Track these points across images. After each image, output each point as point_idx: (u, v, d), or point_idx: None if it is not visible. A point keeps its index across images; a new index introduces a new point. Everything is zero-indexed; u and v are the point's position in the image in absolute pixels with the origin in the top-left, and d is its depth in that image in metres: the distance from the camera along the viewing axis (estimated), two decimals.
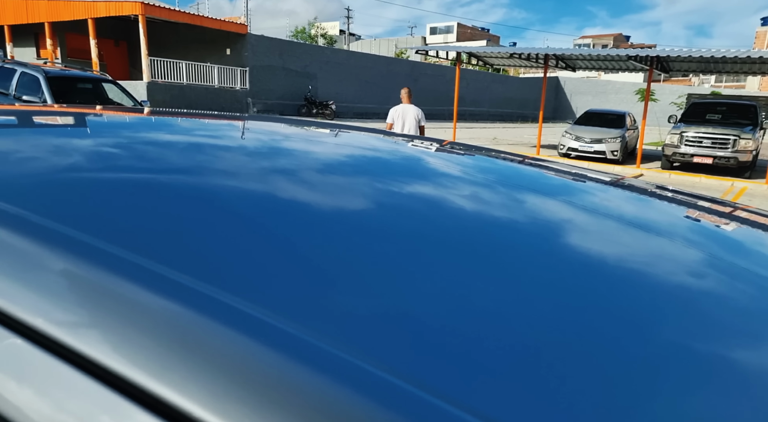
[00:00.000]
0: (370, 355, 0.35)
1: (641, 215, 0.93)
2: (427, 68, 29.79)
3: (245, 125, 1.33)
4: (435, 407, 0.31)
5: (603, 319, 0.47)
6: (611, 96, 38.10)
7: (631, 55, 12.92)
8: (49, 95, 8.10)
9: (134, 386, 0.31)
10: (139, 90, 15.80)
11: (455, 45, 22.00)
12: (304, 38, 43.29)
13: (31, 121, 1.14)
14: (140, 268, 0.41)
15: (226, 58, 19.96)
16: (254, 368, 0.32)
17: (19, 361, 0.34)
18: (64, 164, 0.71)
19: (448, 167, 1.08)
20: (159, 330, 0.34)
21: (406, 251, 0.55)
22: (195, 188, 0.67)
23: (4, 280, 0.39)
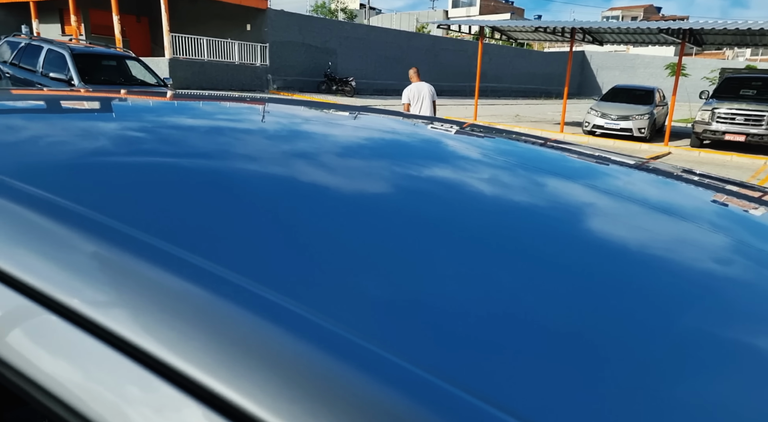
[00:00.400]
0: (395, 344, 0.35)
1: (666, 200, 0.91)
2: (448, 43, 29.22)
3: (270, 108, 1.33)
4: (468, 404, 0.31)
5: (630, 308, 0.46)
6: (640, 71, 36.93)
7: (662, 27, 12.46)
8: (75, 72, 8.22)
9: (158, 360, 0.33)
10: (161, 67, 15.88)
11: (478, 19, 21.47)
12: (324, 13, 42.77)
13: (64, 105, 1.16)
14: (168, 253, 0.42)
15: (246, 34, 19.86)
16: (270, 339, 0.33)
17: (54, 336, 0.36)
18: (99, 148, 0.73)
19: (471, 150, 1.08)
20: (183, 309, 0.35)
21: (434, 239, 0.54)
22: (224, 172, 0.67)
23: (39, 260, 0.40)
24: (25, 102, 1.14)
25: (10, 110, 1.00)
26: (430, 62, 27.69)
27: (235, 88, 18.47)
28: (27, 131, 0.79)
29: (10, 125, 0.83)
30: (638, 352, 0.39)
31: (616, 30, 14.43)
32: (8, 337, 0.37)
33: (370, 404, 0.30)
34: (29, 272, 0.39)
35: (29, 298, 0.38)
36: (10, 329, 0.38)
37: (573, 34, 14.44)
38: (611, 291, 0.49)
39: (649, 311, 0.46)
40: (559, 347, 0.38)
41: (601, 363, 0.37)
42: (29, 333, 0.37)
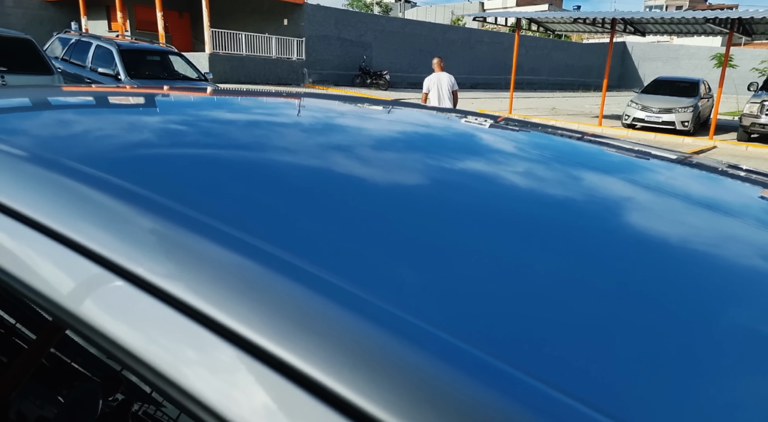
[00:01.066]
0: (451, 331, 0.36)
1: (710, 197, 0.88)
2: (484, 35, 28.83)
3: (312, 103, 1.34)
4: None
5: (678, 312, 0.45)
6: (684, 62, 35.54)
7: (709, 17, 11.99)
8: (122, 67, 8.55)
9: (221, 324, 0.36)
10: (201, 61, 16.30)
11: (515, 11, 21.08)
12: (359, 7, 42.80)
13: (126, 100, 1.22)
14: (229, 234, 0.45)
15: (284, 29, 20.13)
16: (319, 313, 0.36)
17: (125, 301, 0.40)
18: (157, 141, 0.77)
19: (507, 143, 1.07)
20: (238, 282, 0.39)
21: (484, 232, 0.55)
22: (284, 163, 0.70)
23: (111, 235, 0.45)
24: (93, 97, 1.20)
25: (78, 105, 1.06)
26: (465, 55, 27.40)
27: (271, 82, 18.79)
28: (94, 123, 0.85)
29: (76, 119, 0.89)
30: (697, 351, 0.39)
31: (659, 20, 13.96)
32: (88, 303, 0.42)
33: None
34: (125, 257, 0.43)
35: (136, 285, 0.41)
36: (90, 296, 0.42)
37: (613, 25, 14.05)
38: (660, 289, 0.48)
39: (698, 311, 0.46)
40: (615, 344, 0.39)
41: (663, 361, 0.38)
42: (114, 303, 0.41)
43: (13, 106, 0.96)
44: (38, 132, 0.75)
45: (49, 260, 0.45)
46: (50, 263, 0.45)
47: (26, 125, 0.80)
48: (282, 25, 20.19)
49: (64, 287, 0.43)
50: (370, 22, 23.52)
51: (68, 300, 0.42)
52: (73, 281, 0.44)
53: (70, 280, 0.44)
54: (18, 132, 0.73)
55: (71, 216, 0.47)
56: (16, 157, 0.58)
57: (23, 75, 6.50)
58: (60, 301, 0.42)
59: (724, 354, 0.40)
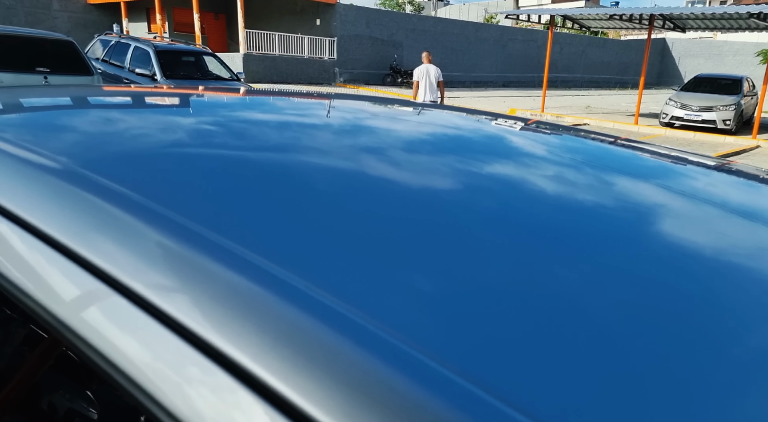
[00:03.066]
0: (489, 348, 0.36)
1: (746, 206, 0.83)
2: (517, 33, 28.41)
3: (347, 105, 1.33)
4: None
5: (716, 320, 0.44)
6: (728, 58, 34.14)
7: (753, 12, 11.49)
8: (158, 68, 8.82)
9: (213, 347, 0.35)
10: (235, 62, 16.64)
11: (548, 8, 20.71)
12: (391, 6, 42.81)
13: (153, 101, 1.23)
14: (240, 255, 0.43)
15: (316, 29, 20.36)
16: (323, 339, 0.34)
17: (121, 317, 0.39)
18: (178, 143, 0.77)
19: (538, 148, 1.05)
20: (247, 304, 0.37)
21: (514, 238, 0.55)
22: (301, 166, 0.69)
23: (112, 247, 0.44)
24: (118, 98, 1.23)
25: (106, 105, 1.08)
26: (497, 53, 27.07)
27: (303, 81, 19.03)
28: (122, 125, 0.86)
29: (106, 118, 0.90)
30: (734, 372, 0.39)
31: (700, 16, 13.46)
32: (86, 316, 0.41)
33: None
34: (130, 273, 0.42)
35: (133, 302, 0.40)
36: (88, 310, 0.41)
37: (651, 21, 13.63)
38: (697, 306, 0.47)
39: (735, 322, 0.45)
40: (655, 356, 0.38)
41: (706, 376, 0.37)
42: (110, 318, 0.40)
43: (34, 105, 0.98)
44: (65, 135, 0.75)
45: (57, 273, 0.44)
46: (61, 279, 0.44)
47: (50, 127, 0.80)
48: (314, 25, 20.41)
49: (67, 300, 0.43)
50: (402, 21, 23.52)
51: (72, 315, 0.41)
52: (80, 295, 0.43)
53: (77, 293, 0.43)
54: (40, 133, 0.73)
55: (92, 226, 0.46)
56: (31, 163, 0.57)
57: (65, 75, 6.78)
58: (61, 315, 0.41)
59: (757, 379, 0.38)
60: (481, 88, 25.08)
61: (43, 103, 1.02)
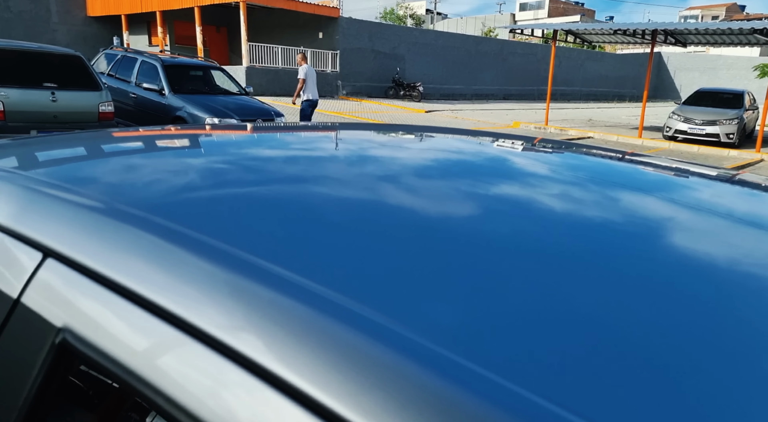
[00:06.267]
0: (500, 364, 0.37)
1: (761, 216, 0.85)
2: (516, 47, 28.68)
3: (345, 135, 1.36)
4: None
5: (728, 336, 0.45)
6: (722, 72, 34.60)
7: (757, 27, 11.63)
8: (166, 82, 8.75)
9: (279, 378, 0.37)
10: (238, 74, 16.64)
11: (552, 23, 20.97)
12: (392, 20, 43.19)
13: (173, 143, 1.22)
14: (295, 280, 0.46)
15: (318, 42, 20.45)
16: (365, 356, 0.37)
17: (185, 356, 0.41)
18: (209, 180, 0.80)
19: (549, 169, 1.06)
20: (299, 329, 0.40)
21: (529, 259, 0.56)
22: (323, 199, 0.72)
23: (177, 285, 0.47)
24: (140, 142, 1.21)
25: (132, 151, 1.09)
26: (498, 66, 27.29)
27: None
28: (152, 168, 0.88)
29: (159, 163, 0.92)
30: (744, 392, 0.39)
31: (702, 31, 13.62)
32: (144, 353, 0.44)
33: None
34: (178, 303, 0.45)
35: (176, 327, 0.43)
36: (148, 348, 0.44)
37: (654, 36, 13.78)
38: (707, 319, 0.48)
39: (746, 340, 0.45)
40: (662, 377, 0.38)
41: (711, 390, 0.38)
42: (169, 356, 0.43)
43: (65, 156, 0.98)
44: (107, 181, 0.77)
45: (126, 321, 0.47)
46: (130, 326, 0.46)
47: (89, 175, 0.83)
48: (317, 39, 20.49)
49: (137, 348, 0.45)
50: (404, 34, 23.68)
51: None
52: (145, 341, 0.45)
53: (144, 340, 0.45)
54: (80, 180, 0.76)
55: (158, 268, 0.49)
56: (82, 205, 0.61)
57: (73, 91, 6.71)
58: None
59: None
60: (483, 100, 25.23)
61: (75, 154, 1.04)
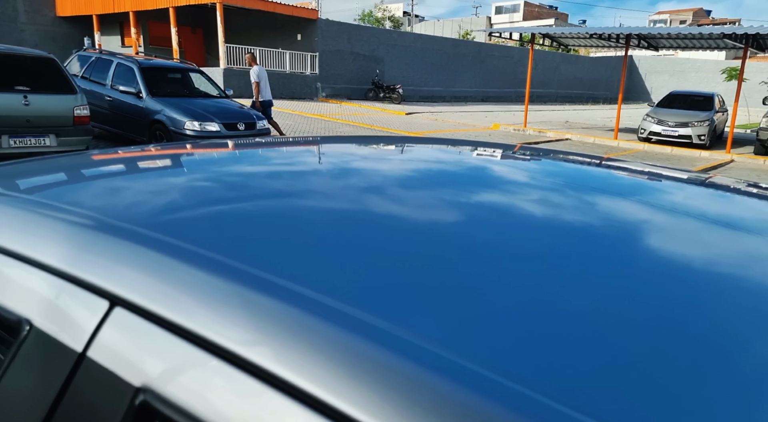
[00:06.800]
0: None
1: (736, 218, 0.88)
2: (494, 49, 28.99)
3: (338, 149, 1.38)
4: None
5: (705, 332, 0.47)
6: (690, 75, 35.60)
7: (726, 32, 11.99)
8: (143, 85, 8.55)
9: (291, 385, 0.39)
10: (215, 76, 16.39)
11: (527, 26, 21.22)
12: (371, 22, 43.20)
13: (160, 162, 1.19)
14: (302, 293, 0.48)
15: (297, 44, 20.30)
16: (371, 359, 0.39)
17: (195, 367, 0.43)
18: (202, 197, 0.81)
19: (533, 177, 1.08)
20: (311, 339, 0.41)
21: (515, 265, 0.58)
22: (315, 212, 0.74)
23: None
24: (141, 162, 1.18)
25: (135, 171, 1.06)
26: (476, 69, 27.53)
27: (285, 96, 18.88)
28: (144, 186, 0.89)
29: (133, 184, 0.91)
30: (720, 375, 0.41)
31: (674, 35, 14.00)
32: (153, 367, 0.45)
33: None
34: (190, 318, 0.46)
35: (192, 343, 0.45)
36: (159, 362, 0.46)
37: (628, 40, 14.09)
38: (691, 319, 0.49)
39: (722, 335, 0.47)
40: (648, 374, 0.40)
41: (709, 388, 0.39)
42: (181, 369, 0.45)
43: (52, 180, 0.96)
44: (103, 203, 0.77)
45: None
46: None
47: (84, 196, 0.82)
48: (296, 41, 20.35)
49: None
50: (383, 36, 23.70)
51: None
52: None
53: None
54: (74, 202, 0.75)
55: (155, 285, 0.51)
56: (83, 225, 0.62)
57: (46, 94, 6.50)
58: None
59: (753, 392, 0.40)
60: (462, 102, 25.42)
61: (61, 178, 1.00)
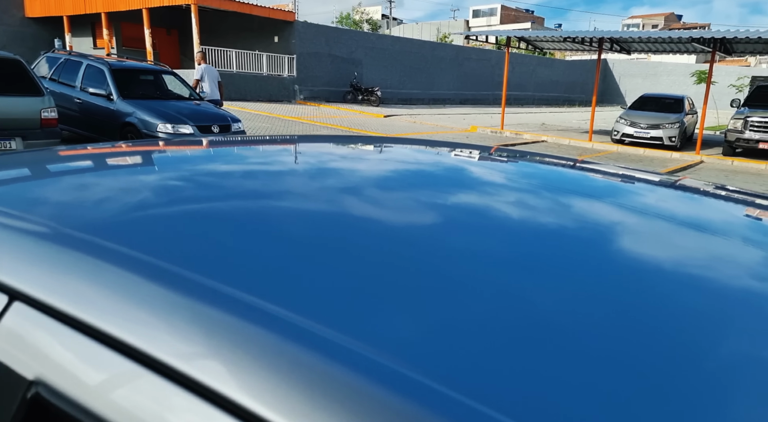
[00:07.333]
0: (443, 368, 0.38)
1: (705, 221, 0.91)
2: (471, 52, 29.25)
3: (309, 148, 1.34)
4: None
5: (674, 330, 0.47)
6: (663, 78, 36.45)
7: (694, 36, 12.31)
8: (114, 87, 8.39)
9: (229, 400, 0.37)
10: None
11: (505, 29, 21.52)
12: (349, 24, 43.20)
13: (123, 160, 1.15)
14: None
15: (274, 46, 20.16)
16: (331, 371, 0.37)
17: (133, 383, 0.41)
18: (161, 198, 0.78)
19: (510, 179, 1.10)
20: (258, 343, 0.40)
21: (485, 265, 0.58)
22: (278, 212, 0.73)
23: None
24: (92, 161, 1.13)
25: (78, 170, 1.02)
26: (454, 71, 27.72)
27: (262, 98, 18.75)
28: (102, 187, 0.85)
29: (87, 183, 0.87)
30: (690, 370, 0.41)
31: (645, 39, 14.31)
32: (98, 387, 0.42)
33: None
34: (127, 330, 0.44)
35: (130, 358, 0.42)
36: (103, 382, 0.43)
37: (601, 44, 14.36)
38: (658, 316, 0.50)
39: (692, 332, 0.47)
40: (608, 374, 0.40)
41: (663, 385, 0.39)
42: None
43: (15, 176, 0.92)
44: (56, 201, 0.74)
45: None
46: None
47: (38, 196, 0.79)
48: (273, 43, 20.21)
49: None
50: (361, 39, 23.71)
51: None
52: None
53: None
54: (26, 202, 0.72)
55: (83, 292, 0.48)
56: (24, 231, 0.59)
57: (11, 96, 6.33)
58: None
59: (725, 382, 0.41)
60: (440, 105, 25.57)
61: (29, 177, 0.96)
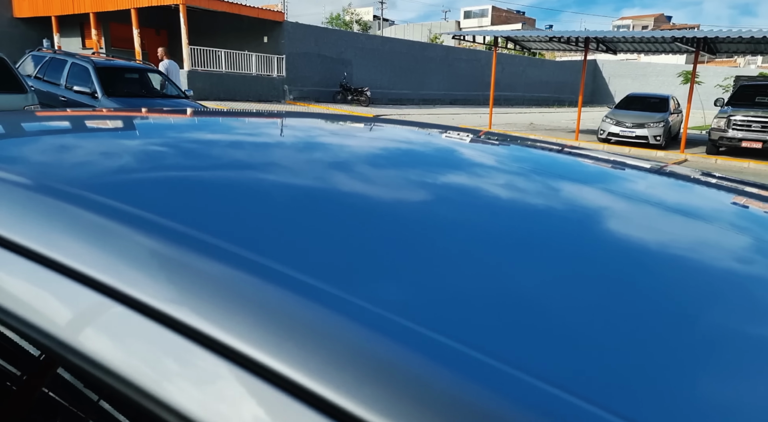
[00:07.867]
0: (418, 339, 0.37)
1: (688, 203, 0.91)
2: (461, 53, 29.38)
3: (303, 123, 1.33)
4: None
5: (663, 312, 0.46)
6: (652, 79, 36.75)
7: (677, 36, 12.45)
8: (99, 85, 8.38)
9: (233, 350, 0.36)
10: (180, 78, 16.16)
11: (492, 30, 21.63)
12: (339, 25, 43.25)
13: (114, 123, 1.17)
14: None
15: (264, 46, 20.18)
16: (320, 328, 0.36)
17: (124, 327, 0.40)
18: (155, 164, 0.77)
19: (496, 159, 1.08)
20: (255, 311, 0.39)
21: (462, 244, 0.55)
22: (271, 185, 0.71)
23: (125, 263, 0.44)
24: (78, 122, 1.16)
25: (61, 130, 1.04)
26: (444, 72, 27.83)
27: (252, 99, 18.75)
28: (81, 148, 0.84)
29: (61, 143, 0.88)
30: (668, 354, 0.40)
31: (630, 39, 14.45)
32: (86, 332, 0.41)
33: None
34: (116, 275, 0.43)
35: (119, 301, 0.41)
36: (87, 324, 0.42)
37: (587, 44, 14.48)
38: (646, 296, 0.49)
39: (679, 315, 0.46)
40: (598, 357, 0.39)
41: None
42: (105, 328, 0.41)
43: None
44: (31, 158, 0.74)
45: (43, 288, 0.45)
46: (46, 292, 0.44)
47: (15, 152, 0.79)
48: (262, 43, 20.22)
49: (58, 316, 0.43)
50: (350, 39, 23.76)
51: (63, 330, 0.41)
52: (67, 309, 0.43)
53: (65, 308, 0.43)
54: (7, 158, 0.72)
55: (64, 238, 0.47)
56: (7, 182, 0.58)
57: None
58: (55, 332, 0.41)
59: (718, 363, 0.40)
60: (430, 105, 25.65)
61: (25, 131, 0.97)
